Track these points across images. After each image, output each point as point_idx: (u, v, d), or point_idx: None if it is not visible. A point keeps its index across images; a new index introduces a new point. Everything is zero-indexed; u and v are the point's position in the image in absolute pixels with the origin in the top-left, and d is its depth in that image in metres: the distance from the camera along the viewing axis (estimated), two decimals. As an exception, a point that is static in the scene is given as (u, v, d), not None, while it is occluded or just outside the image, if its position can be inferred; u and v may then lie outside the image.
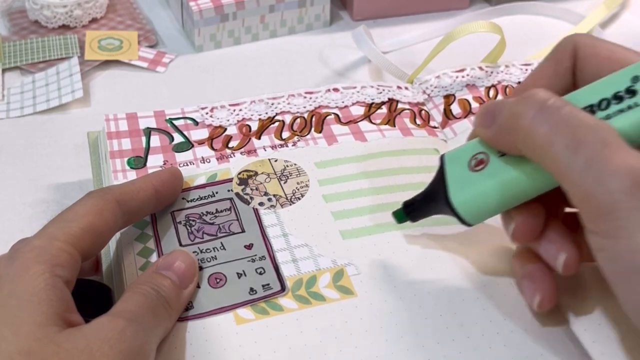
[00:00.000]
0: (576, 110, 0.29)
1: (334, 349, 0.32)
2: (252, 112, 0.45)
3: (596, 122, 0.28)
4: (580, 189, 0.28)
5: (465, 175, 0.33)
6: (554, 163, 0.28)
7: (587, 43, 0.33)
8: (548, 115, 0.29)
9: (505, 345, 0.32)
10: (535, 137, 0.29)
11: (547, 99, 0.29)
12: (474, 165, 0.32)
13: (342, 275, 0.35)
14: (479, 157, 0.32)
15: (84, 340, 0.28)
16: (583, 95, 0.30)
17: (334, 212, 0.38)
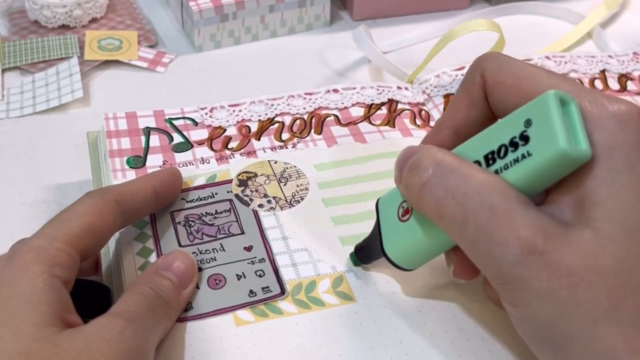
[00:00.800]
0: (466, 172, 0.28)
1: (333, 354, 0.32)
2: (251, 113, 0.45)
3: (485, 185, 0.27)
4: (474, 258, 0.27)
5: (394, 224, 0.32)
6: (447, 232, 0.28)
7: (493, 69, 0.31)
8: (435, 184, 0.28)
9: (504, 348, 0.32)
10: (426, 209, 0.29)
11: (435, 164, 0.28)
12: (401, 215, 0.32)
13: (342, 281, 0.35)
14: (405, 205, 0.32)
15: (83, 341, 0.28)
16: (484, 141, 0.29)
17: (334, 218, 0.38)
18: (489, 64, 0.31)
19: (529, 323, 0.27)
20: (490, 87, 0.31)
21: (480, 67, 0.31)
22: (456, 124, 0.32)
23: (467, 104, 0.32)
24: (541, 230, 0.26)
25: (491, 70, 0.31)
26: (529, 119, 0.27)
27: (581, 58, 0.51)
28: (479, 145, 0.29)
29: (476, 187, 0.27)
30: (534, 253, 0.25)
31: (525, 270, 0.26)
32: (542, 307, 0.26)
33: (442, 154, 0.29)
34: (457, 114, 0.32)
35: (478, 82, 0.31)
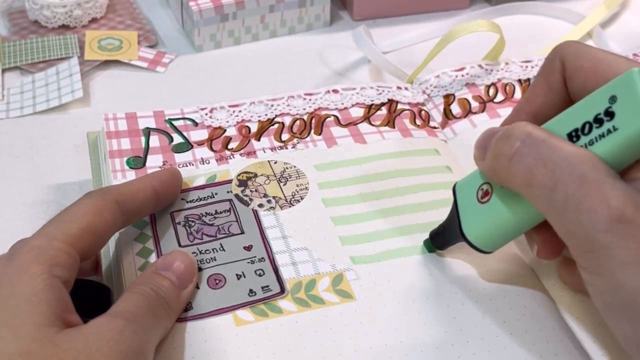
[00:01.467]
0: (555, 144, 0.28)
1: (333, 352, 0.32)
2: (251, 114, 0.45)
3: (575, 156, 0.28)
4: (562, 227, 0.28)
5: (474, 207, 0.33)
6: (535, 201, 0.29)
7: (572, 54, 0.32)
8: (526, 154, 0.29)
9: (505, 348, 0.33)
10: (515, 177, 0.29)
11: (526, 135, 0.29)
12: (481, 197, 0.33)
13: (342, 280, 0.35)
14: (484, 187, 0.33)
15: (82, 341, 0.28)
16: (567, 119, 0.30)
17: (334, 218, 0.38)
18: (568, 49, 0.32)
19: (611, 293, 0.27)
20: (569, 72, 0.32)
21: (559, 54, 0.33)
22: (534, 109, 0.33)
23: (546, 89, 0.33)
24: (631, 200, 0.26)
25: (571, 55, 0.32)
26: (613, 95, 0.28)
27: (581, 59, 0.51)
28: (562, 123, 0.30)
29: (566, 157, 0.28)
30: (623, 222, 0.26)
31: (612, 238, 0.26)
32: (627, 276, 0.26)
33: (532, 126, 0.29)
34: (535, 100, 0.33)
35: (557, 68, 0.32)
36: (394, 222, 0.38)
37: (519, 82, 0.48)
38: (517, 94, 0.47)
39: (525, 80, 0.48)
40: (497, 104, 0.46)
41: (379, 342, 0.33)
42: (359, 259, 0.36)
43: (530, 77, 0.49)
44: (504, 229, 0.32)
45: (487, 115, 0.45)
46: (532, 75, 0.49)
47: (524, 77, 0.49)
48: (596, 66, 0.31)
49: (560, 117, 0.30)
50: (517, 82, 0.48)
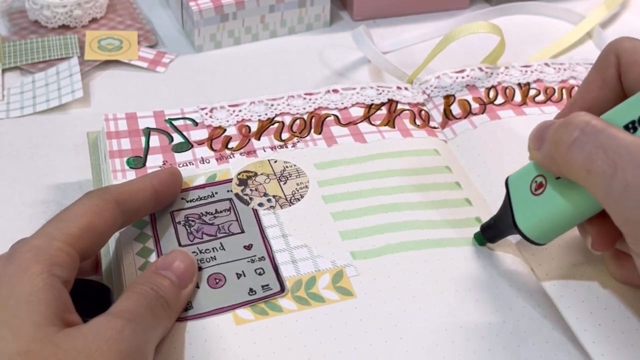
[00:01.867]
0: (614, 133, 0.29)
1: (333, 350, 0.32)
2: (251, 113, 0.45)
3: (634, 144, 0.28)
4: (619, 214, 0.28)
5: (528, 199, 0.33)
6: (593, 188, 0.29)
7: (628, 49, 0.32)
8: (586, 141, 0.29)
9: (505, 347, 0.32)
10: (574, 164, 0.29)
11: (585, 124, 0.29)
12: (535, 189, 0.33)
13: (342, 277, 0.35)
14: (538, 180, 0.33)
15: (82, 340, 0.28)
16: (624, 111, 0.30)
17: (334, 213, 0.38)
18: (624, 44, 0.32)
19: None
20: (625, 67, 0.32)
21: (614, 49, 0.33)
22: (588, 104, 0.34)
23: (601, 84, 0.33)
24: None
25: (626, 50, 0.32)
26: None
27: (580, 65, 0.51)
28: (618, 115, 0.30)
29: (626, 145, 0.28)
30: None
31: None
32: None
33: (590, 116, 0.30)
34: (589, 94, 0.34)
35: (613, 62, 0.33)
36: (394, 217, 0.38)
37: (519, 86, 0.48)
38: (516, 97, 0.47)
39: (524, 84, 0.48)
40: (497, 106, 0.46)
41: (380, 339, 0.32)
42: (359, 254, 0.36)
43: (529, 81, 0.49)
44: (558, 221, 0.32)
45: (487, 117, 0.45)
46: (531, 79, 0.49)
47: (523, 81, 0.49)
48: None
49: (617, 109, 0.30)
50: (517, 85, 0.48)
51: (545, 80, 0.49)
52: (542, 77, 0.49)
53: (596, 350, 0.32)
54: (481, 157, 0.43)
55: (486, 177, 0.42)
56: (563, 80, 0.49)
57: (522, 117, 0.46)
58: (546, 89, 0.48)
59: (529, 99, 0.47)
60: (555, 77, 0.49)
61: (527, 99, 0.47)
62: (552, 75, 0.49)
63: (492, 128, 0.45)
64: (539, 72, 0.50)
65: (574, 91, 0.48)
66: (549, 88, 0.48)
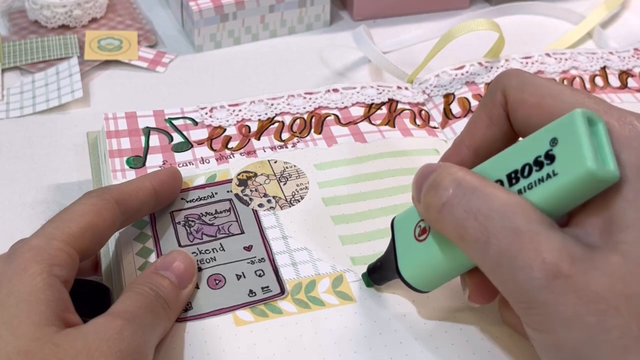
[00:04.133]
0: (487, 192, 0.27)
1: (333, 354, 0.32)
2: (251, 113, 0.45)
3: (507, 205, 0.26)
4: (496, 281, 0.27)
5: (411, 244, 0.31)
6: (468, 254, 0.27)
7: (515, 87, 0.30)
8: (455, 205, 0.27)
9: (504, 349, 0.32)
10: (446, 230, 0.28)
11: (456, 184, 0.27)
12: (418, 235, 0.31)
13: (342, 281, 0.35)
14: (422, 225, 0.31)
15: (82, 340, 0.28)
16: (507, 160, 0.28)
17: (334, 217, 0.38)
18: (510, 81, 0.30)
19: (554, 349, 0.26)
20: (512, 105, 0.30)
21: (501, 85, 0.30)
22: (476, 143, 0.32)
23: (488, 122, 0.31)
24: (567, 254, 0.25)
25: (513, 87, 0.30)
26: (554, 137, 0.26)
27: (582, 55, 0.51)
28: (502, 163, 0.28)
29: (498, 208, 0.26)
30: (560, 277, 0.24)
31: (550, 295, 0.25)
32: (568, 334, 0.25)
33: (463, 172, 0.28)
34: (476, 133, 0.31)
35: (499, 101, 0.31)
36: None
37: (519, 80, 0.48)
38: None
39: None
40: (497, 103, 0.46)
41: (379, 343, 0.32)
42: (359, 259, 0.36)
43: (530, 74, 0.49)
44: (439, 270, 0.31)
45: (487, 115, 0.45)
46: (532, 71, 0.49)
47: (523, 74, 0.49)
48: (541, 101, 0.29)
49: (500, 156, 0.29)
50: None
51: (546, 71, 0.49)
52: (543, 69, 0.49)
53: None
54: (481, 157, 0.43)
55: (486, 177, 0.41)
56: (564, 70, 0.49)
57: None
58: (547, 80, 0.48)
59: (529, 93, 0.47)
60: (556, 68, 0.49)
61: (527, 93, 0.47)
62: (553, 66, 0.49)
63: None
64: (539, 64, 0.49)
65: (575, 82, 0.48)
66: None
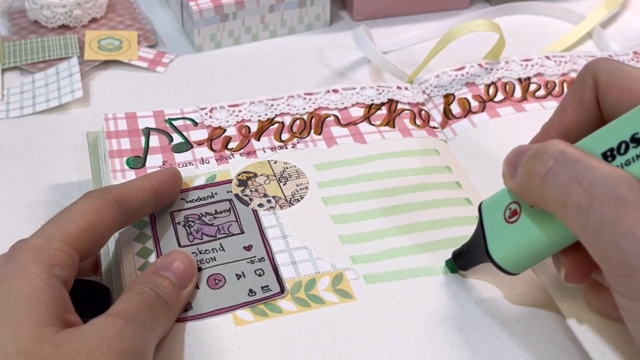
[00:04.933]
0: (590, 163, 0.27)
1: (333, 353, 0.32)
2: (251, 113, 0.45)
3: (611, 176, 0.27)
4: (597, 249, 0.27)
5: (501, 227, 0.32)
6: (569, 222, 0.28)
7: (606, 71, 0.31)
8: (560, 172, 0.28)
9: (504, 349, 0.32)
10: (548, 197, 0.28)
11: (559, 153, 0.28)
12: (509, 217, 0.32)
13: (341, 279, 0.35)
14: (513, 207, 0.32)
15: (82, 341, 0.28)
16: (602, 138, 0.29)
17: (333, 216, 0.38)
18: (600, 66, 0.31)
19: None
20: (602, 90, 0.31)
21: (591, 71, 0.31)
22: (565, 127, 0.32)
23: (577, 107, 0.32)
24: None
25: (603, 72, 0.31)
26: None
27: (581, 58, 0.51)
28: (596, 142, 0.29)
29: (602, 176, 0.27)
30: None
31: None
32: None
33: (566, 144, 0.28)
34: (566, 118, 0.32)
35: (590, 85, 0.31)
36: (393, 221, 0.38)
37: (519, 81, 0.48)
38: (517, 93, 0.47)
39: (525, 79, 0.48)
40: (496, 103, 0.46)
41: (379, 342, 0.32)
42: (358, 258, 0.36)
43: (530, 76, 0.49)
44: (532, 251, 0.31)
45: (487, 115, 0.45)
46: (532, 73, 0.49)
47: (523, 76, 0.49)
48: (631, 84, 0.30)
49: (594, 135, 0.29)
50: (517, 80, 0.48)
51: (545, 74, 0.49)
52: (543, 71, 0.49)
53: (596, 350, 0.32)
54: (481, 157, 0.43)
55: (486, 177, 0.41)
56: (564, 73, 0.49)
57: (522, 113, 0.46)
58: (547, 83, 0.48)
59: (529, 94, 0.47)
60: (556, 71, 0.49)
61: (528, 95, 0.47)
62: (553, 69, 0.49)
63: (492, 127, 0.45)
64: (539, 66, 0.49)
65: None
66: (549, 82, 0.48)
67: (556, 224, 0.29)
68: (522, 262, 0.32)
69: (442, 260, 0.36)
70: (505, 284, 0.35)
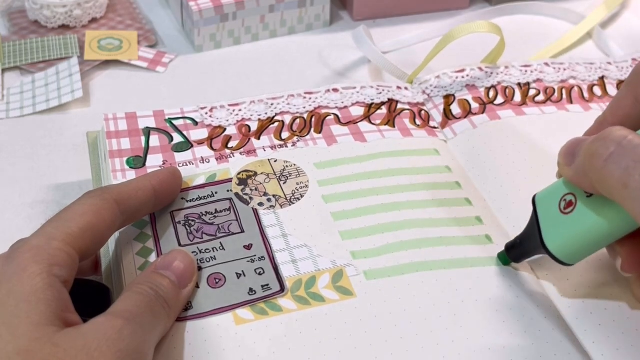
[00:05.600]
0: None
1: (333, 350, 0.32)
2: (251, 113, 0.45)
3: None
4: None
5: (556, 218, 0.32)
6: (630, 204, 0.28)
7: None
8: (623, 155, 0.28)
9: (505, 347, 0.32)
10: (610, 179, 0.28)
11: (622, 138, 0.29)
12: (564, 208, 0.32)
13: (342, 276, 0.35)
14: (568, 198, 0.32)
15: (81, 340, 0.28)
16: None
17: (334, 213, 0.38)
18: None
19: None
20: None
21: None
22: (618, 121, 0.33)
23: (633, 101, 0.33)
24: None
25: None
26: None
27: (580, 65, 0.51)
28: None
29: None
30: None
31: None
32: None
33: (628, 131, 0.29)
34: (620, 111, 0.33)
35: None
36: (394, 216, 0.38)
37: (519, 86, 0.48)
38: (516, 97, 0.47)
39: (524, 84, 0.48)
40: (497, 106, 0.46)
41: (380, 339, 0.32)
42: (359, 253, 0.36)
43: (529, 81, 0.49)
44: (589, 240, 0.31)
45: (487, 117, 0.45)
46: (531, 79, 0.49)
47: (523, 81, 0.49)
48: None
49: None
50: (517, 85, 0.48)
51: (545, 80, 0.49)
52: (542, 77, 0.49)
53: (596, 350, 0.32)
54: (481, 157, 0.43)
55: (486, 177, 0.41)
56: (563, 80, 0.49)
57: (522, 117, 0.46)
58: (546, 89, 0.48)
59: (528, 99, 0.47)
60: (555, 77, 0.49)
61: (527, 99, 0.47)
62: (552, 75, 0.49)
63: (492, 128, 0.45)
64: (538, 72, 0.50)
65: (573, 91, 0.48)
66: (548, 88, 0.48)
67: (613, 213, 0.30)
68: (578, 252, 0.32)
69: (442, 256, 0.36)
70: (506, 283, 0.35)
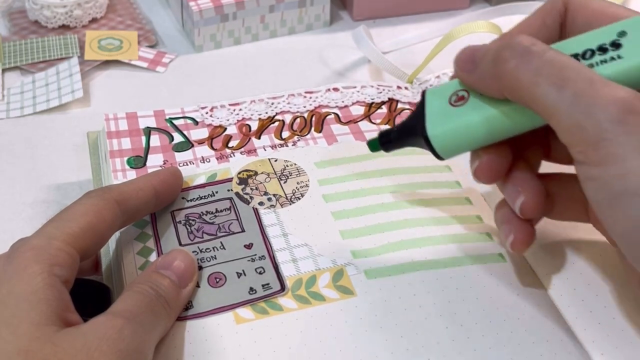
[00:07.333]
0: (560, 54, 0.29)
1: (334, 349, 0.32)
2: (252, 112, 0.45)
3: (580, 65, 0.28)
4: (568, 122, 0.28)
5: (444, 109, 0.32)
6: (540, 103, 0.29)
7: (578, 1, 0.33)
8: (533, 58, 0.29)
9: (505, 345, 0.32)
10: (521, 80, 0.29)
11: (532, 43, 0.29)
12: (455, 101, 0.32)
13: (342, 275, 0.35)
14: (460, 93, 0.32)
15: (82, 340, 0.28)
16: (567, 45, 0.30)
17: (334, 212, 0.38)
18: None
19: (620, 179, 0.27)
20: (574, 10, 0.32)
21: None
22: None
23: (540, 25, 0.33)
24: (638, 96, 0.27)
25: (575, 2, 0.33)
26: (622, 30, 0.29)
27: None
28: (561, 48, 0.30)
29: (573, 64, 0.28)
30: (633, 113, 0.27)
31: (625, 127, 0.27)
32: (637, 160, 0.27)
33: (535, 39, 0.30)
34: (527, 30, 0.33)
35: (558, 9, 0.33)
36: (394, 215, 0.38)
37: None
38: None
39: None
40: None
41: (380, 337, 0.32)
42: (359, 252, 0.36)
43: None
44: (470, 133, 0.32)
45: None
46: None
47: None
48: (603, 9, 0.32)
49: (559, 44, 0.31)
50: None
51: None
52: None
53: (595, 349, 0.32)
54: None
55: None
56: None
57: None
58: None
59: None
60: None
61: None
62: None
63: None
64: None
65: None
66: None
67: (502, 111, 0.31)
68: (455, 145, 0.32)
69: (444, 255, 0.36)
70: (506, 282, 0.35)
